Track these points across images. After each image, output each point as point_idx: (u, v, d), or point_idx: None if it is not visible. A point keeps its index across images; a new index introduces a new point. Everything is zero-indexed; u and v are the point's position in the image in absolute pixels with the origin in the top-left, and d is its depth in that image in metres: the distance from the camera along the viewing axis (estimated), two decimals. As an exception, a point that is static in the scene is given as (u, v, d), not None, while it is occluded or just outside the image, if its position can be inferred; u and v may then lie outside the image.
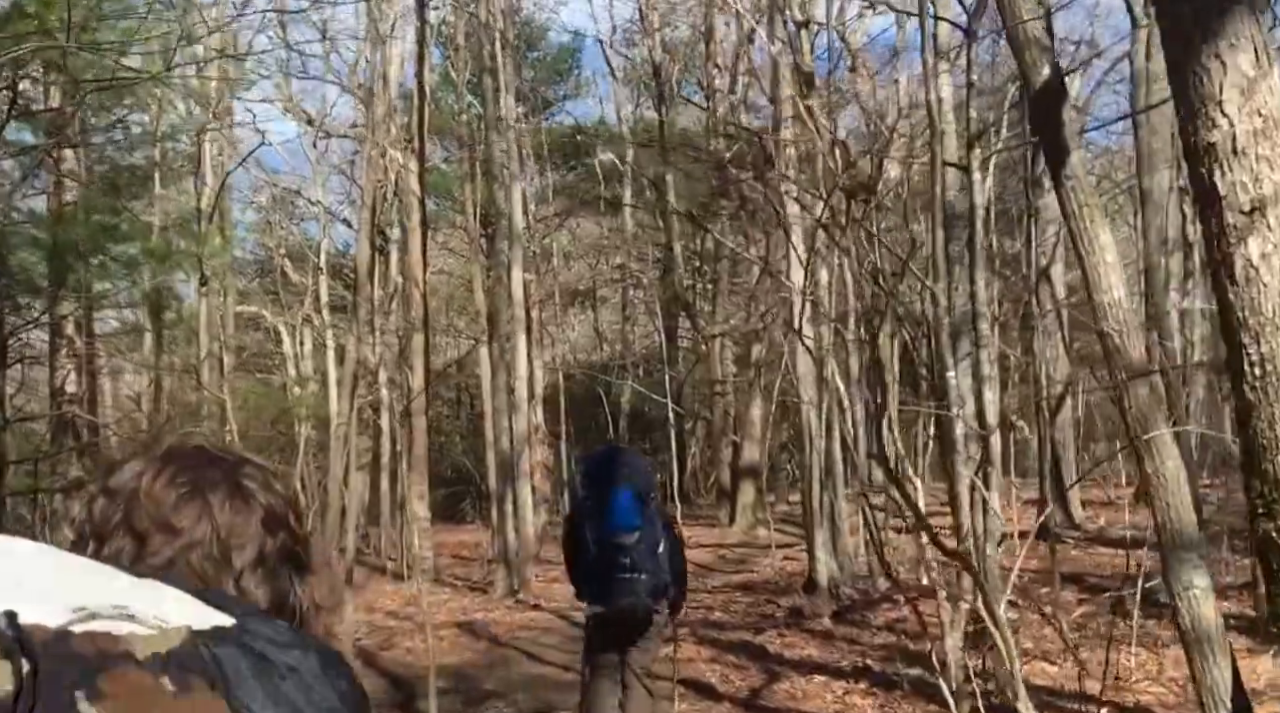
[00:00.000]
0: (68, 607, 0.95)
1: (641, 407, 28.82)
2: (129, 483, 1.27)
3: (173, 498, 1.25)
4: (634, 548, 6.21)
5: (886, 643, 10.47)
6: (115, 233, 10.84)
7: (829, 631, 11.33)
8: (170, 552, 1.23)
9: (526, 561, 16.26)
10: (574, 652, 11.94)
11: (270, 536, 1.29)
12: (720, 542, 20.73)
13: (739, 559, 19.03)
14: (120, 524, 1.24)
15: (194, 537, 1.24)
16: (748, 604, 13.65)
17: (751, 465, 22.28)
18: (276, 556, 1.29)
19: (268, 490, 1.32)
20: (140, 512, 1.24)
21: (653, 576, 6.26)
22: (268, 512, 1.30)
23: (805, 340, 11.89)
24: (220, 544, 1.25)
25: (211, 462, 1.32)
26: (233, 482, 1.30)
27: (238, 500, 1.28)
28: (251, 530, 1.27)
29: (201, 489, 1.27)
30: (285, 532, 1.31)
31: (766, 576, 16.10)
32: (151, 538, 1.23)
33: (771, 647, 10.96)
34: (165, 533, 1.23)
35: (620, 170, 27.40)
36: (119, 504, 1.26)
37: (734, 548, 20.17)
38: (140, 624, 0.96)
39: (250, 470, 1.33)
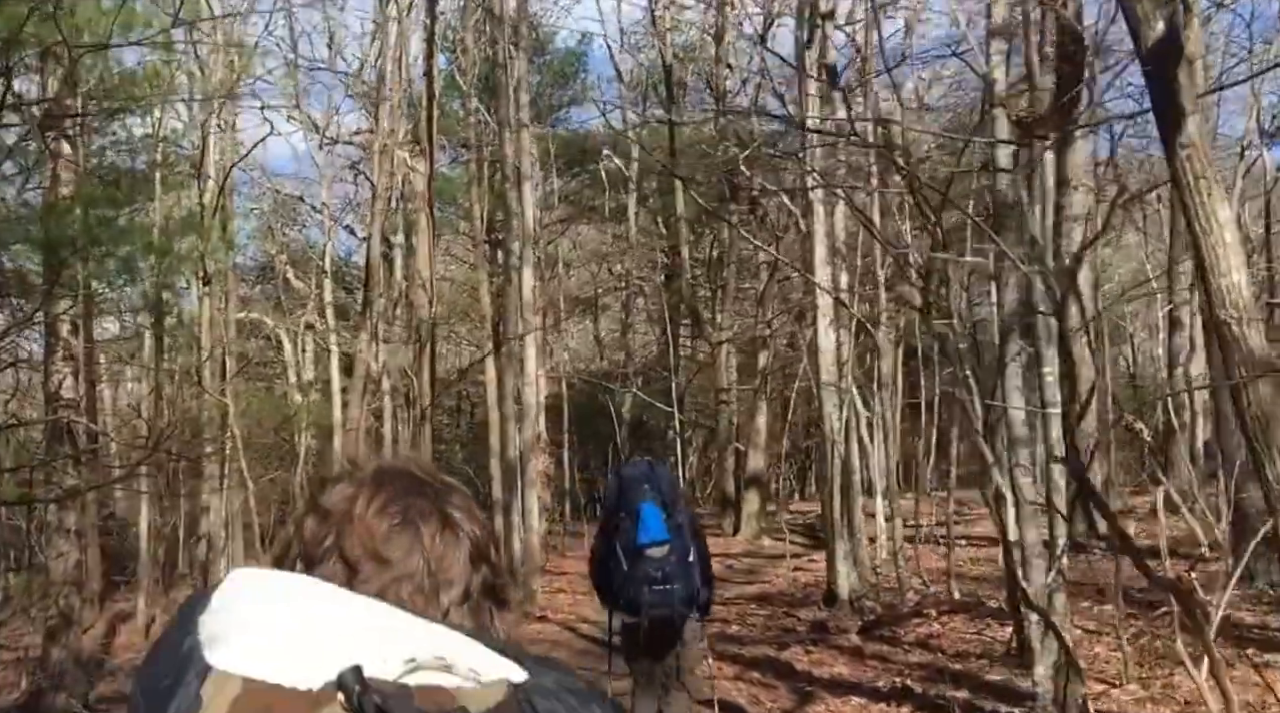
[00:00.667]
0: (400, 658, 0.96)
1: (641, 415, 28.15)
2: (340, 505, 1.23)
3: (384, 528, 1.21)
4: (665, 560, 6.28)
5: (924, 662, 9.73)
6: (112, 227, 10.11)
7: (858, 647, 10.59)
8: (379, 583, 1.18)
9: (533, 572, 15.52)
10: (586, 667, 11.26)
11: (475, 570, 1.24)
12: (726, 551, 19.98)
13: (748, 570, 18.31)
14: (331, 549, 1.21)
15: (405, 569, 1.19)
16: (766, 618, 12.92)
17: (756, 474, 21.59)
18: (480, 590, 1.24)
19: (472, 520, 1.27)
20: (353, 538, 1.21)
21: (685, 585, 6.32)
22: (474, 544, 1.25)
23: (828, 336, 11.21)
24: (430, 578, 1.20)
25: (421, 488, 1.27)
26: (442, 512, 1.25)
27: (448, 533, 1.24)
28: (460, 564, 1.23)
29: (414, 520, 1.23)
30: (488, 565, 1.26)
31: (780, 587, 15.38)
32: (362, 566, 1.19)
33: (799, 664, 10.22)
34: (377, 562, 1.19)
35: (626, 176, 26.73)
36: (331, 527, 1.22)
37: (740, 558, 19.46)
38: (459, 677, 0.97)
39: (457, 500, 1.28)
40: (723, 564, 18.86)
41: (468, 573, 1.23)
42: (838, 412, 12.95)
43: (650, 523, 6.31)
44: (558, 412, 23.79)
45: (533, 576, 15.45)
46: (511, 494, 16.09)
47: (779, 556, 19.27)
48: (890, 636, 10.85)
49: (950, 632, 10.68)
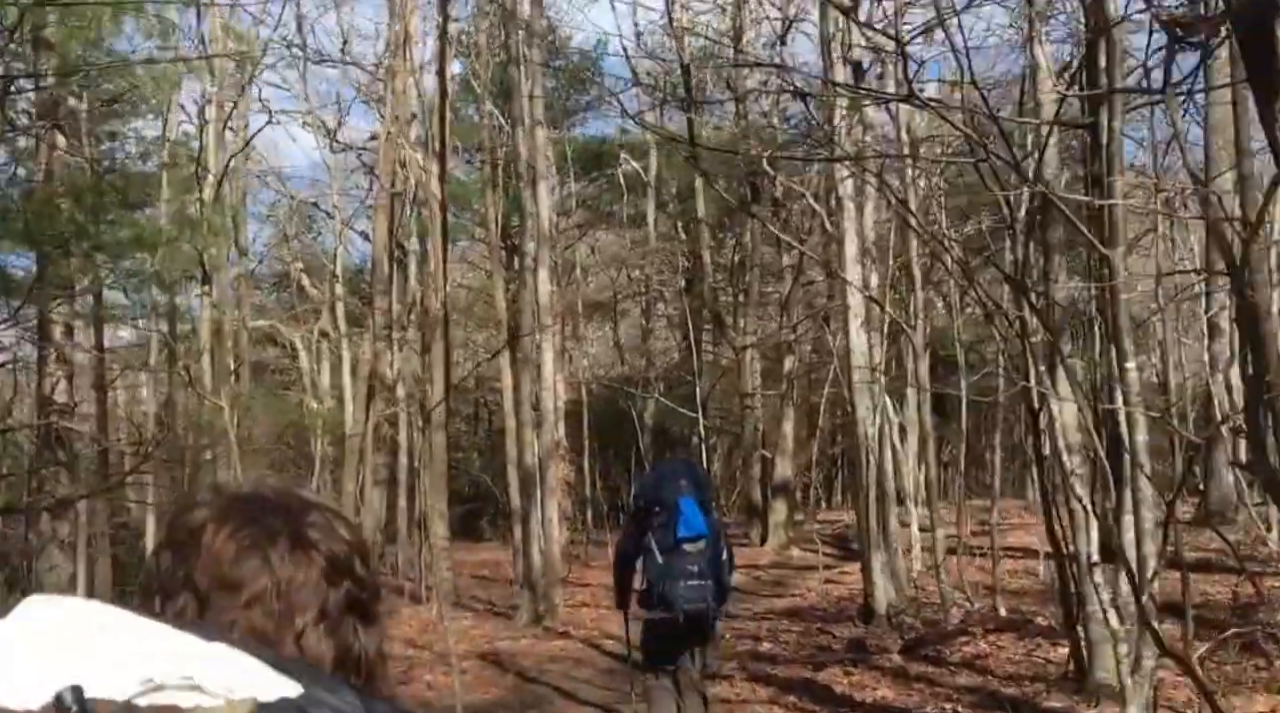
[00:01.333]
0: (136, 678, 0.91)
1: (663, 422, 27.45)
2: (190, 535, 1.18)
3: (232, 552, 1.15)
4: (701, 556, 6.39)
5: (973, 685, 8.93)
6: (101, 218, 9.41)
7: (900, 668, 9.80)
8: (233, 612, 1.13)
9: (553, 584, 14.75)
10: (611, 688, 10.53)
11: (333, 587, 1.18)
12: (753, 563, 19.21)
13: (776, 582, 17.52)
14: (183, 581, 1.15)
15: (253, 592, 1.14)
16: (799, 635, 12.13)
17: (784, 482, 20.81)
18: (341, 607, 1.17)
19: (331, 537, 1.20)
20: (201, 568, 1.15)
21: (717, 581, 6.46)
22: (330, 561, 1.18)
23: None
24: (281, 599, 1.14)
25: (273, 509, 1.21)
26: (294, 532, 1.19)
27: (298, 552, 1.17)
28: (313, 583, 1.17)
29: (261, 542, 1.17)
30: (350, 580, 1.19)
31: (812, 601, 14.60)
32: (214, 597, 1.14)
33: (838, 686, 9.42)
34: (226, 590, 1.14)
35: (644, 181, 26.00)
36: (181, 559, 1.17)
37: (768, 569, 18.68)
38: (207, 696, 0.91)
39: (314, 518, 1.21)
40: (750, 576, 18.09)
41: (323, 592, 1.18)
42: (871, 417, 12.17)
43: (691, 518, 6.40)
44: (577, 418, 23.10)
45: (553, 588, 14.69)
46: (530, 503, 15.33)
47: (808, 567, 18.47)
48: (935, 656, 10.04)
49: (999, 652, 9.88)
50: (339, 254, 24.04)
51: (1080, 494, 8.31)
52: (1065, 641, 9.25)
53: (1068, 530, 8.84)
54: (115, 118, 19.14)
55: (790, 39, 20.77)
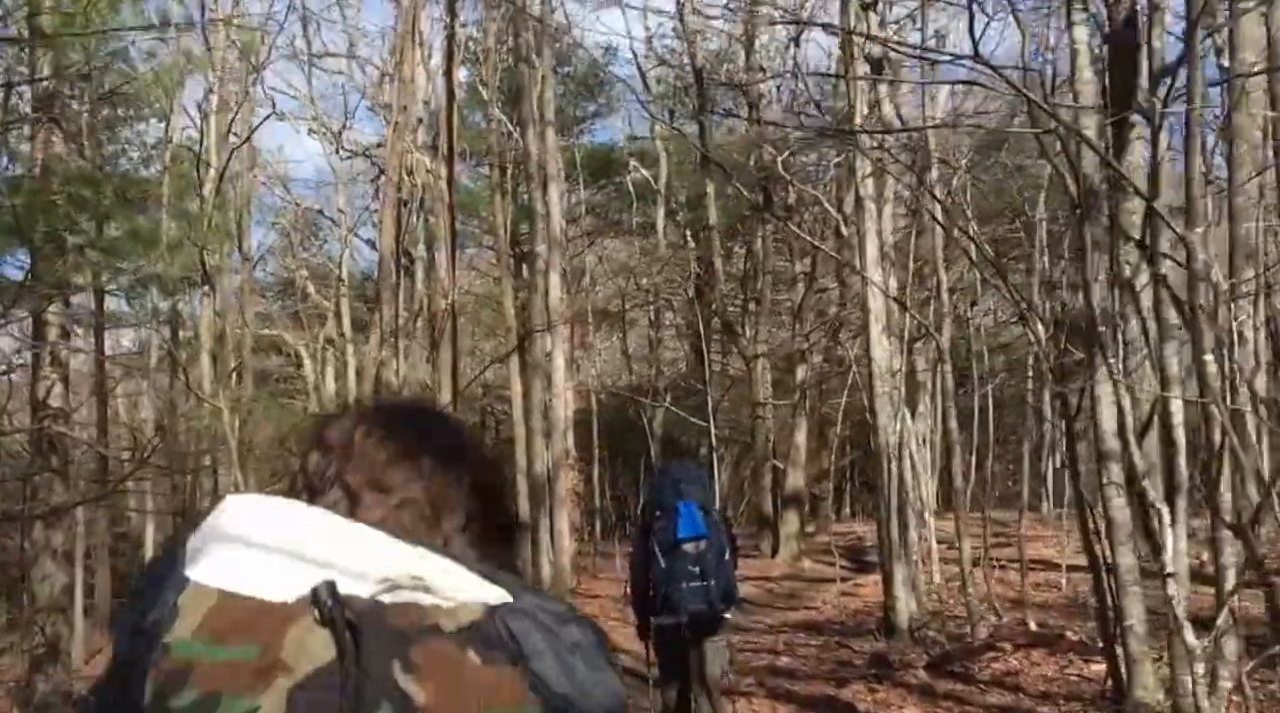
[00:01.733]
0: (375, 577, 0.97)
1: (672, 432, 27.02)
2: (342, 438, 1.22)
3: (384, 457, 1.20)
4: (703, 556, 6.35)
5: (1005, 704, 8.49)
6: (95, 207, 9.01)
7: (926, 685, 9.34)
8: (382, 510, 1.16)
9: (562, 596, 14.29)
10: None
11: (476, 500, 1.21)
12: (765, 574, 18.77)
13: (789, 594, 17.07)
14: (333, 479, 1.19)
15: (405, 496, 1.18)
16: (818, 649, 11.67)
17: (795, 493, 20.37)
18: (482, 519, 1.21)
19: (474, 454, 1.26)
20: (354, 468, 1.19)
21: (720, 582, 6.39)
22: (475, 478, 1.23)
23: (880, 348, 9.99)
24: (430, 505, 1.18)
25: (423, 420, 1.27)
26: (442, 444, 1.23)
27: (448, 463, 1.21)
28: (459, 494, 1.20)
29: (413, 450, 1.21)
30: (491, 499, 1.24)
31: (829, 614, 14.15)
32: (363, 494, 1.17)
33: (862, 704, 8.98)
34: (377, 490, 1.18)
35: (654, 188, 25.57)
36: (332, 459, 1.20)
37: (780, 581, 18.23)
38: (437, 597, 0.98)
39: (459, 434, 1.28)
40: (762, 588, 17.65)
41: (468, 502, 1.21)
42: (892, 425, 11.74)
43: (689, 518, 6.38)
44: (587, 428, 22.68)
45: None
46: (539, 513, 14.91)
47: (822, 579, 18.02)
48: (963, 672, 9.58)
49: (1030, 668, 9.43)
50: (344, 260, 23.61)
51: (1121, 503, 7.89)
52: (1100, 657, 8.83)
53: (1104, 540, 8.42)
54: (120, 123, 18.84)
55: (806, 40, 20.35)
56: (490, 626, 0.97)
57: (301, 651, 0.93)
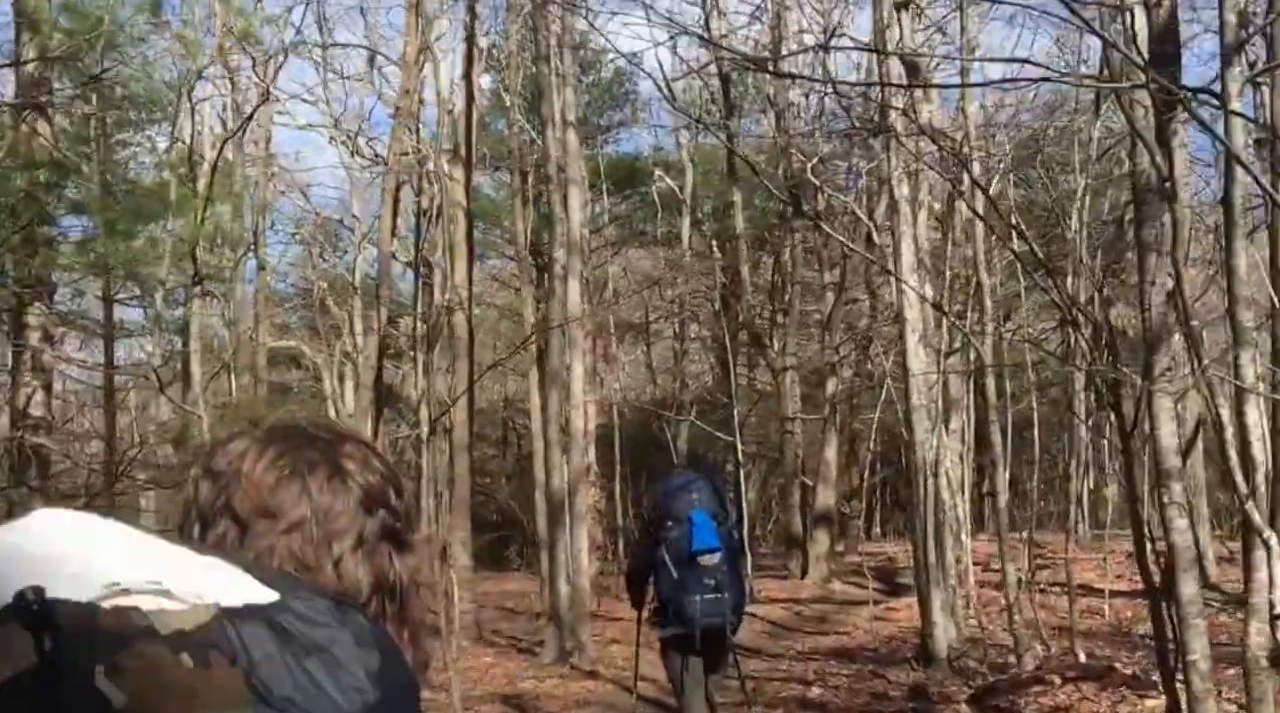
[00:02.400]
0: (103, 582, 0.92)
1: (697, 447, 26.35)
2: (230, 465, 1.20)
3: (271, 480, 1.18)
4: (716, 569, 6.26)
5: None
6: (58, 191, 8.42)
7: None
8: (270, 537, 1.16)
9: (581, 619, 13.62)
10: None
11: (369, 515, 1.20)
12: (794, 596, 18.05)
13: (819, 618, 16.36)
14: (223, 508, 1.18)
15: (292, 520, 1.17)
16: (851, 679, 10.96)
17: (825, 512, 19.64)
18: (377, 535, 1.20)
19: (366, 468, 1.23)
20: (241, 496, 1.18)
21: (733, 594, 6.35)
22: (366, 490, 1.21)
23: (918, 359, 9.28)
24: (319, 527, 1.17)
25: (311, 441, 1.24)
26: (332, 462, 1.21)
27: (335, 481, 1.20)
28: (350, 512, 1.19)
29: (300, 471, 1.19)
30: (385, 510, 1.22)
31: (861, 640, 13.44)
32: (253, 523, 1.16)
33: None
34: (265, 518, 1.17)
35: (679, 198, 24.94)
36: (221, 488, 1.19)
37: (810, 604, 17.52)
38: (175, 600, 0.93)
39: (350, 449, 1.24)
40: (790, 611, 16.94)
41: (360, 520, 1.19)
42: (930, 440, 11.03)
43: (703, 530, 6.24)
44: (608, 442, 22.04)
45: (582, 623, 13.56)
46: (558, 531, 14.23)
47: (853, 602, 17.30)
48: (1008, 707, 8.86)
49: (1081, 704, 8.70)
50: (357, 267, 23.01)
51: (1183, 525, 7.17)
52: (1156, 693, 8.11)
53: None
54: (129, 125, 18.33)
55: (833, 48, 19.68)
56: (217, 629, 0.92)
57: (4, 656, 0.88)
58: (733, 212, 21.11)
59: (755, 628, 15.90)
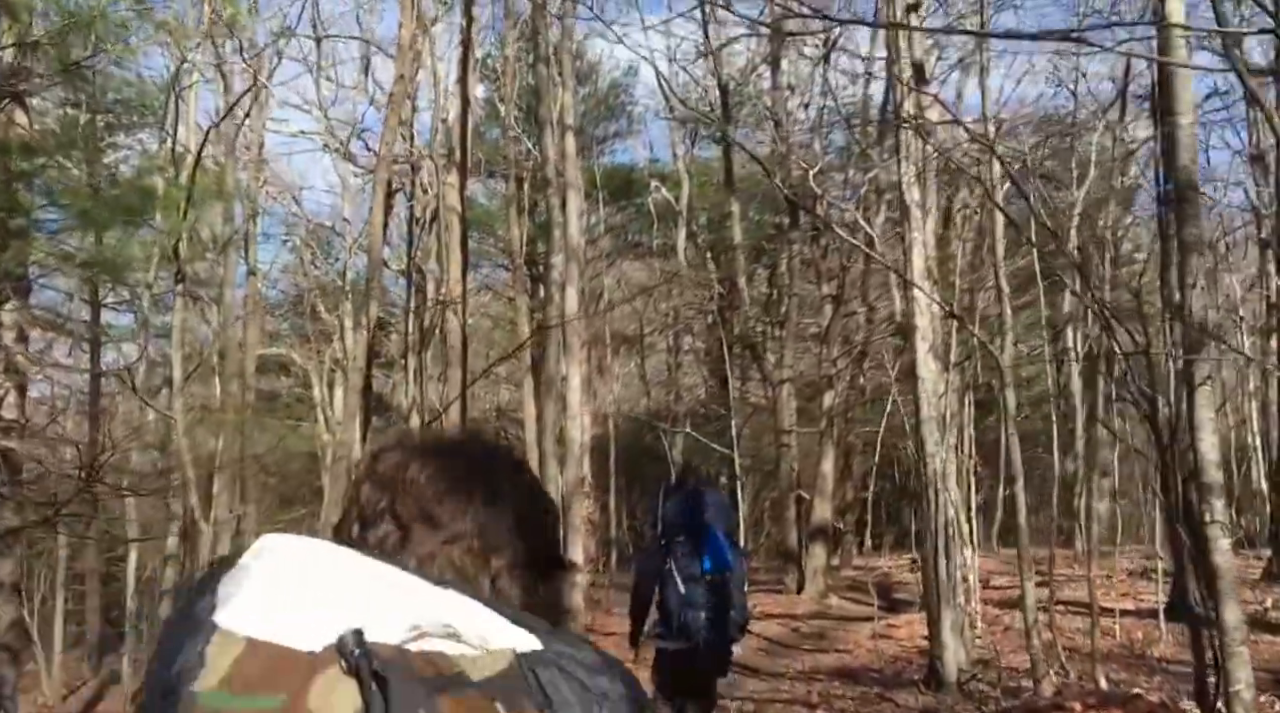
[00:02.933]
0: (404, 624, 0.95)
1: (692, 460, 25.79)
2: (394, 471, 1.20)
3: (434, 492, 1.18)
4: (725, 586, 6.18)
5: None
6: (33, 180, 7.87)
7: (989, 750, 8.06)
8: (431, 544, 1.15)
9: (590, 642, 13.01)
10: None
11: (523, 538, 1.19)
12: (790, 612, 17.45)
13: (817, 634, 15.77)
14: (384, 511, 1.17)
15: (454, 531, 1.16)
16: (856, 702, 10.40)
17: (822, 525, 19.04)
18: (528, 554, 1.19)
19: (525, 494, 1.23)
20: (405, 501, 1.17)
21: (740, 612, 6.28)
22: (521, 513, 1.21)
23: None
24: (479, 540, 1.17)
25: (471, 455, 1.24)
26: (491, 481, 1.21)
27: (497, 500, 1.20)
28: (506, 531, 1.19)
29: (463, 486, 1.19)
30: (538, 534, 1.22)
31: (863, 659, 12.88)
32: (414, 528, 1.16)
33: (916, 772, 7.69)
34: (427, 525, 1.16)
35: (675, 210, 24.40)
36: (384, 492, 1.18)
37: (807, 619, 16.92)
38: (465, 644, 0.96)
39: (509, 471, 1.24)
40: (788, 627, 16.35)
41: (515, 540, 1.19)
42: (941, 452, 10.48)
43: (720, 550, 6.16)
44: (603, 454, 21.47)
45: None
46: (551, 545, 13.64)
47: (850, 618, 16.73)
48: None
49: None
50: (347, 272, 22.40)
51: (1226, 546, 6.64)
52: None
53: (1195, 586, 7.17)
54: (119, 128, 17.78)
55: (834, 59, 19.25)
56: (518, 675, 0.94)
57: (327, 702, 0.91)
58: (729, 222, 20.58)
59: (752, 645, 15.32)
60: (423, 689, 0.90)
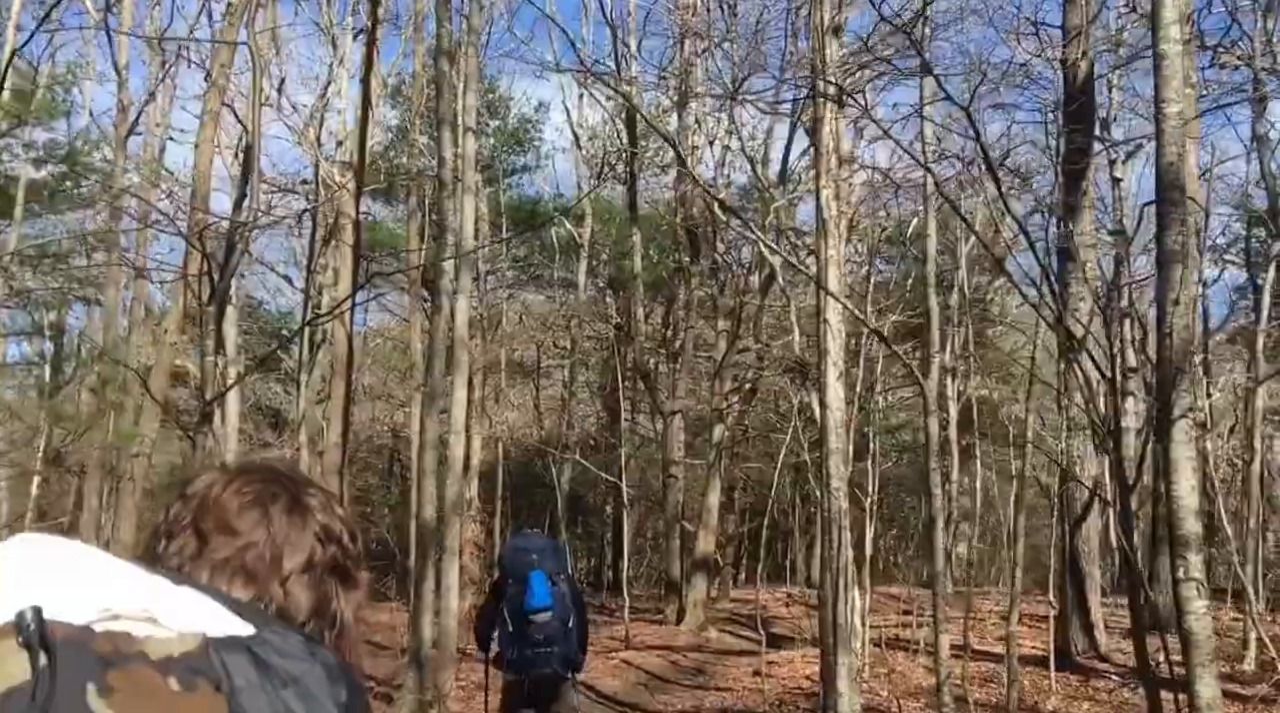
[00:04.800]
0: (97, 607, 0.93)
1: (579, 490, 24.09)
2: (201, 490, 1.19)
3: (236, 505, 1.17)
4: (547, 625, 6.30)
5: None
6: None
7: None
8: (228, 551, 1.14)
9: (446, 663, 11.21)
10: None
11: (321, 547, 1.18)
12: (668, 643, 15.80)
13: (697, 668, 14.15)
14: (188, 524, 1.17)
15: (250, 539, 1.15)
16: (744, 751, 8.74)
17: (704, 558, 17.47)
18: (324, 566, 1.18)
19: (326, 511, 1.21)
20: (207, 514, 1.17)
21: (564, 648, 6.36)
22: (323, 527, 1.19)
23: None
24: (274, 548, 1.16)
25: (277, 478, 1.23)
26: (293, 497, 1.20)
27: (295, 514, 1.19)
28: (305, 541, 1.17)
29: (264, 500, 1.18)
30: (337, 547, 1.20)
31: (747, 700, 11.28)
32: (213, 538, 1.15)
33: None
34: (226, 534, 1.15)
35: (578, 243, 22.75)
36: (190, 507, 1.18)
37: (686, 652, 15.28)
38: (162, 628, 0.93)
39: (313, 491, 1.23)
40: (666, 659, 14.69)
41: (312, 549, 1.17)
42: (844, 487, 8.93)
43: (538, 590, 6.24)
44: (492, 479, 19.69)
45: (445, 669, 11.14)
46: (427, 564, 11.80)
47: (729, 652, 15.16)
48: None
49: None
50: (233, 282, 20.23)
51: (1203, 608, 5.13)
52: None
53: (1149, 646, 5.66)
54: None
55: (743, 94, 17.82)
56: (203, 656, 0.91)
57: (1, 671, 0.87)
58: (631, 255, 19.00)
59: (630, 678, 13.68)
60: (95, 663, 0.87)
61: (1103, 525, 14.39)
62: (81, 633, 0.88)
